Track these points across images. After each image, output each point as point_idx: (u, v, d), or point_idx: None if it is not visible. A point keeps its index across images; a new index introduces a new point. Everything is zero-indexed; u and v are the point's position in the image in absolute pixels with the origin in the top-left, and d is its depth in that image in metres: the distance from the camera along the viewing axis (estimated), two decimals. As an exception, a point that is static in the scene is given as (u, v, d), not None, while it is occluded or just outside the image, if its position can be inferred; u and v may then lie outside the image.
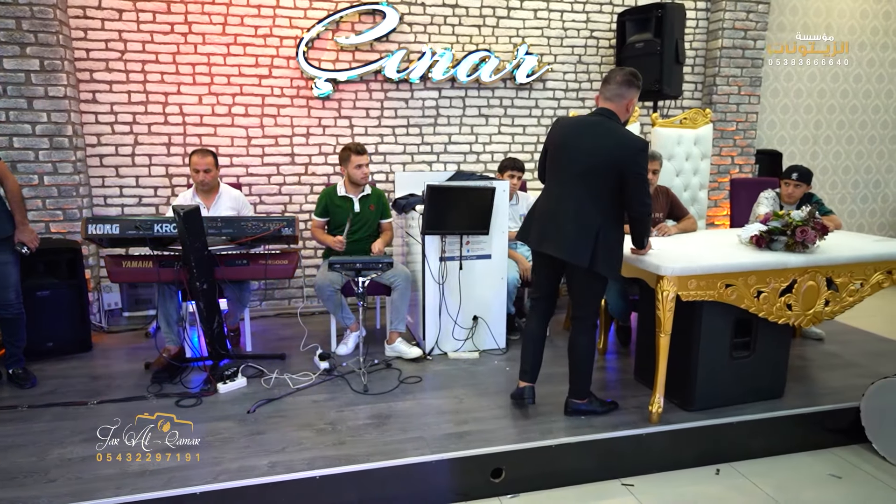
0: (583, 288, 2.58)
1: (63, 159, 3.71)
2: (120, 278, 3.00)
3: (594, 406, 2.69)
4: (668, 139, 3.93)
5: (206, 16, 3.94)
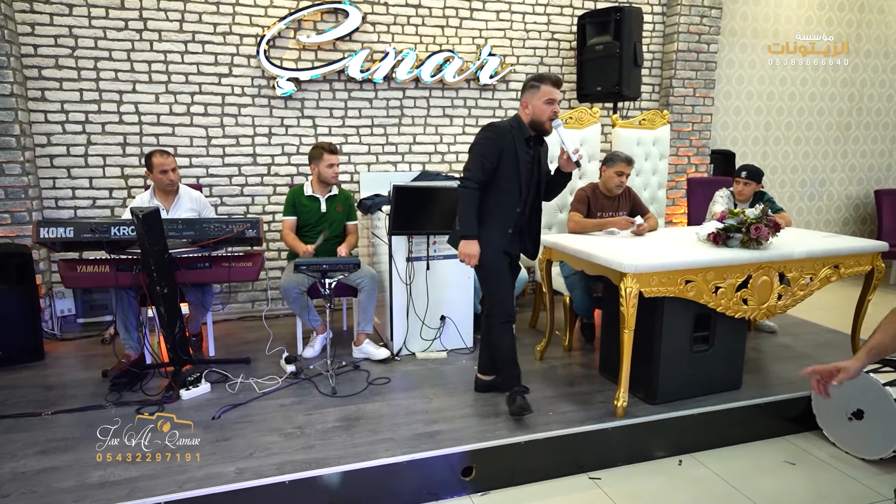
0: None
1: (10, 160, 3.55)
2: (74, 284, 2.89)
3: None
4: (627, 140, 4.02)
5: (161, 12, 3.83)
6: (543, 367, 3.31)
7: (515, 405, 2.62)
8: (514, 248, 2.77)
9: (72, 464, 2.29)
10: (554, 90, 2.56)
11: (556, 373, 3.25)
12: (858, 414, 2.64)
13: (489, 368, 2.91)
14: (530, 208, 2.74)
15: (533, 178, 2.69)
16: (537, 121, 2.58)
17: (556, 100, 2.57)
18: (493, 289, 2.71)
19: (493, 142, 2.59)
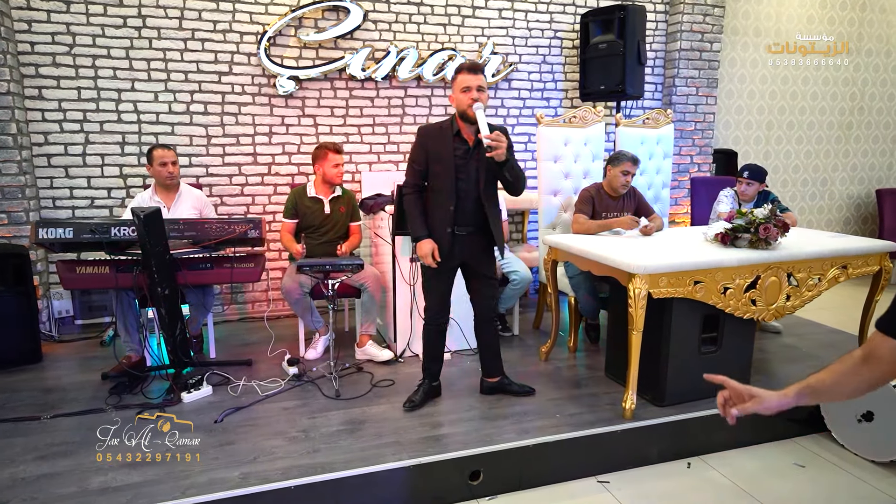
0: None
1: (7, 159, 3.49)
2: (73, 285, 2.84)
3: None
4: (631, 139, 3.99)
5: (160, 9, 3.78)
6: (549, 369, 3.28)
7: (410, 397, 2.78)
8: (463, 249, 2.66)
9: (72, 469, 2.25)
10: (468, 77, 2.45)
11: (561, 374, 3.21)
12: (868, 416, 2.61)
13: (492, 370, 2.90)
14: (474, 205, 2.60)
15: (470, 173, 2.56)
16: (460, 111, 2.51)
17: (472, 86, 2.43)
18: (423, 290, 2.79)
19: (419, 143, 2.59)
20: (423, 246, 2.60)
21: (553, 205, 3.76)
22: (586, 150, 3.82)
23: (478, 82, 2.44)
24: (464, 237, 2.62)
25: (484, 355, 2.89)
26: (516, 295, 3.69)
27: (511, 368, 3.25)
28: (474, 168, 2.56)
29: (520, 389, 2.88)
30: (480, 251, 2.70)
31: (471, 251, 2.67)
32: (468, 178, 2.56)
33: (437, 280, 2.69)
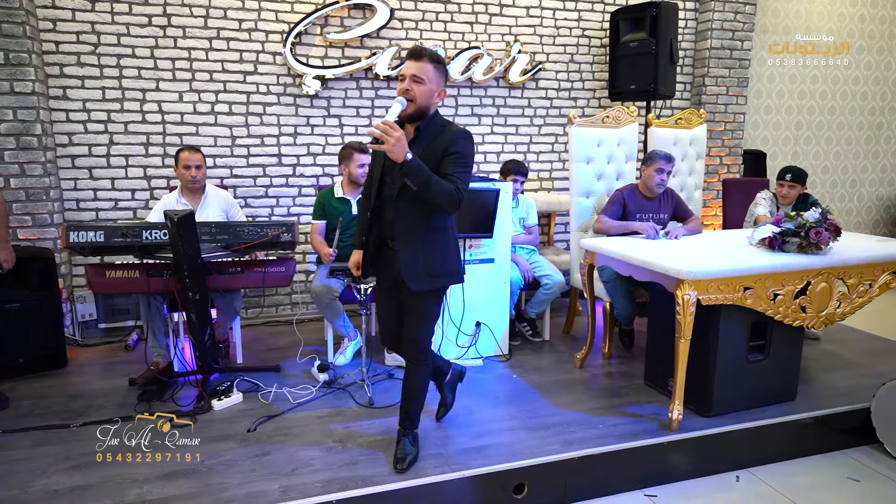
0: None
1: (32, 160, 3.44)
2: (103, 289, 2.78)
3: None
4: (664, 139, 3.89)
5: (186, 7, 3.71)
6: (585, 376, 3.19)
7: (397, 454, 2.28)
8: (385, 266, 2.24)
9: (106, 480, 2.18)
10: (407, 63, 2.04)
11: (598, 382, 3.12)
12: (926, 428, 2.51)
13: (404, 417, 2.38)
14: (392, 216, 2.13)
15: (392, 178, 2.11)
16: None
17: (406, 75, 2.03)
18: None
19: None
20: (352, 255, 2.40)
21: (585, 207, 3.67)
22: (620, 151, 3.73)
23: (413, 70, 2.01)
24: (395, 253, 2.16)
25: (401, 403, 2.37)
26: (548, 300, 3.61)
27: (545, 376, 3.19)
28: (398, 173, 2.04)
29: (395, 454, 2.28)
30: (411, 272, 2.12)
31: (398, 272, 2.15)
32: (392, 182, 2.11)
33: (378, 301, 2.43)
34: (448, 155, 2.05)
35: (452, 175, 2.03)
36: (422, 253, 2.12)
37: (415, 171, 1.93)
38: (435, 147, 2.06)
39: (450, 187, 2.00)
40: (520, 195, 3.75)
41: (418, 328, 2.24)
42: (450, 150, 2.05)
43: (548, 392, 2.98)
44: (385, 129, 1.87)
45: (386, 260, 2.23)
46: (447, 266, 2.19)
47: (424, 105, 2.05)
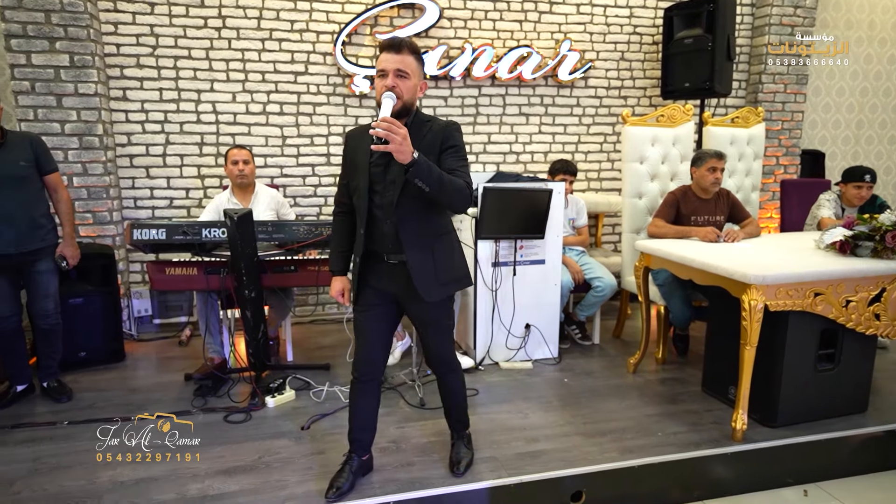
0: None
1: (93, 159, 3.55)
2: (163, 286, 2.84)
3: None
4: (720, 139, 3.77)
5: (240, 10, 3.77)
6: (639, 382, 3.11)
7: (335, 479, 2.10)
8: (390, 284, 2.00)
9: (168, 474, 2.22)
10: (387, 56, 1.83)
11: (653, 388, 3.04)
12: None
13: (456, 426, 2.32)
14: (393, 228, 1.92)
15: (387, 183, 1.90)
16: (377, 103, 1.84)
17: (389, 70, 1.82)
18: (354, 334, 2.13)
19: (344, 153, 2.03)
20: (332, 285, 2.13)
21: (638, 208, 3.58)
22: (675, 151, 3.62)
23: (398, 64, 1.82)
24: (396, 267, 1.97)
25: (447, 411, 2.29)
26: (598, 303, 3.53)
27: (597, 380, 3.13)
28: (394, 175, 1.88)
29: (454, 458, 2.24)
30: (424, 284, 1.95)
31: (403, 286, 1.98)
32: (385, 191, 1.91)
33: (361, 324, 2.05)
34: (447, 150, 1.91)
35: (458, 170, 1.89)
36: (431, 261, 1.95)
37: (426, 170, 1.74)
38: (428, 143, 1.88)
39: (461, 183, 1.86)
40: (570, 195, 3.68)
41: (445, 341, 2.13)
42: (447, 143, 1.91)
43: (601, 397, 2.91)
44: (389, 127, 1.64)
45: (384, 276, 2.00)
46: (456, 271, 2.05)
47: (410, 101, 1.86)
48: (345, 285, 2.14)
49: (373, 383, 2.12)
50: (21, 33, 3.33)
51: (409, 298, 2.00)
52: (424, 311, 2.04)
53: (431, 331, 2.10)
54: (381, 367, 2.11)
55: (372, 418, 2.16)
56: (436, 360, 2.17)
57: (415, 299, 1.98)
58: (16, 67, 3.36)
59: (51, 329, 2.82)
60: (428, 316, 2.06)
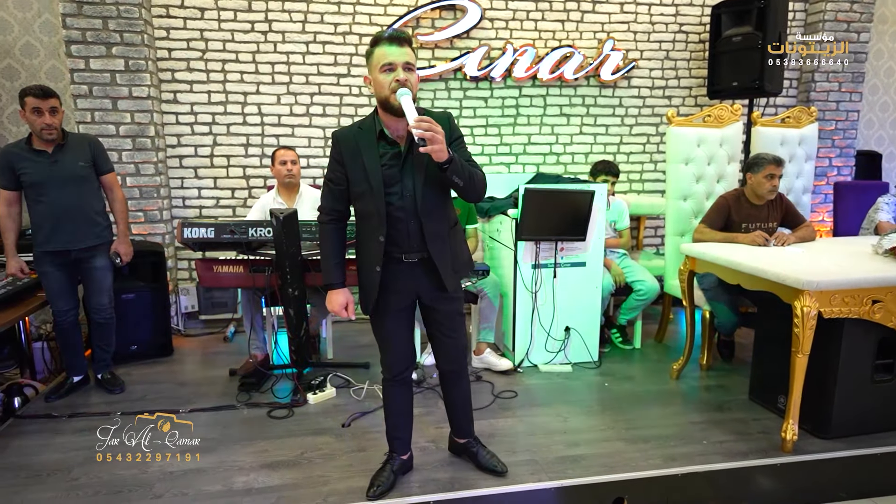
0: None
1: (145, 160, 3.68)
2: (210, 283, 2.92)
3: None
4: (770, 139, 3.65)
5: (286, 13, 3.86)
6: (682, 388, 3.04)
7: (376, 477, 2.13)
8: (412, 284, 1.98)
9: (216, 466, 2.28)
10: (391, 49, 1.76)
11: (698, 395, 2.97)
12: None
13: (461, 431, 2.30)
14: (416, 224, 1.89)
15: (404, 183, 1.87)
16: (382, 99, 1.80)
17: (398, 63, 1.76)
18: (376, 338, 2.12)
19: (334, 157, 1.92)
20: (332, 298, 2.00)
21: (682, 210, 3.49)
22: (721, 152, 3.52)
23: (405, 57, 1.77)
24: (415, 266, 1.96)
25: (451, 415, 2.28)
26: (640, 306, 3.47)
27: (638, 385, 3.07)
28: (411, 175, 1.86)
29: (488, 464, 2.22)
30: (438, 283, 1.97)
31: (425, 284, 1.98)
32: (402, 192, 1.87)
33: (387, 327, 2.04)
34: (454, 141, 1.89)
35: (470, 161, 1.91)
36: (449, 253, 1.97)
37: (459, 166, 1.76)
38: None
39: (481, 174, 1.91)
40: (611, 197, 3.62)
41: (462, 334, 2.13)
42: (454, 135, 1.90)
43: (643, 403, 2.86)
44: (430, 127, 1.65)
45: (403, 277, 1.96)
46: (464, 257, 2.08)
47: (414, 95, 1.80)
48: (348, 298, 2.02)
49: (407, 383, 2.16)
50: (80, 39, 3.48)
51: (429, 294, 2.00)
52: (444, 303, 2.03)
53: (449, 324, 2.07)
54: (410, 363, 2.14)
55: (410, 416, 2.20)
56: (453, 355, 2.12)
57: (435, 293, 1.99)
58: (75, 72, 3.52)
59: (105, 323, 2.94)
60: (449, 307, 2.05)
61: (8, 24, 3.67)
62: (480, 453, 2.26)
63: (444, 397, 2.27)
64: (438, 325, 2.08)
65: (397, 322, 2.04)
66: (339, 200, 1.95)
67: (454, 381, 2.20)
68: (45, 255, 2.74)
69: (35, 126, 2.62)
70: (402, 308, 2.03)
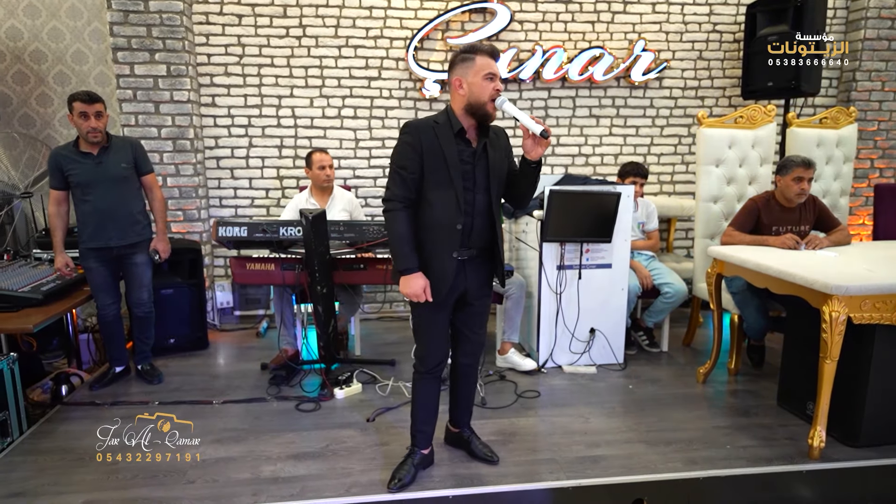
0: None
1: (185, 161, 3.83)
2: (243, 280, 3.04)
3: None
4: (806, 141, 3.57)
5: (319, 18, 3.96)
6: (709, 392, 3.01)
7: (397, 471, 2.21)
8: (463, 278, 2.08)
9: (245, 455, 2.38)
10: (492, 62, 1.96)
11: (724, 399, 2.93)
12: None
13: (459, 421, 2.41)
14: (484, 222, 2.06)
15: (476, 181, 2.01)
16: (476, 103, 1.95)
17: (497, 75, 1.97)
18: (415, 330, 2.17)
19: (410, 145, 1.99)
20: (412, 282, 2.01)
21: (713, 212, 3.45)
22: (754, 154, 3.47)
23: (498, 69, 2.01)
24: (466, 262, 2.08)
25: (456, 405, 2.39)
26: (667, 309, 3.44)
27: (663, 388, 3.05)
28: (483, 175, 2.02)
29: (481, 453, 2.33)
30: (484, 279, 2.15)
31: (474, 279, 2.12)
32: (476, 187, 2.02)
33: (433, 319, 2.11)
34: (510, 152, 2.15)
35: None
36: (501, 250, 2.16)
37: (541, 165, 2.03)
38: (503, 146, 2.12)
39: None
40: (640, 199, 3.60)
41: (486, 329, 2.29)
42: (510, 148, 2.15)
43: (667, 406, 2.84)
44: (548, 128, 1.94)
45: (457, 272, 2.06)
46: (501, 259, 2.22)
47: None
48: (426, 281, 2.04)
49: (438, 378, 2.23)
50: (126, 46, 3.66)
51: (475, 289, 2.14)
52: (482, 300, 2.19)
53: (479, 321, 2.23)
54: (445, 358, 2.22)
55: (436, 411, 2.28)
56: (477, 351, 2.28)
57: (481, 290, 2.16)
58: (121, 77, 3.70)
59: (145, 317, 3.08)
60: (483, 305, 2.21)
61: (61, 32, 3.89)
62: (474, 442, 2.37)
63: (452, 389, 2.37)
64: (469, 321, 2.20)
65: (443, 317, 2.14)
66: (411, 189, 2.01)
67: (469, 375, 2.31)
68: (90, 252, 2.90)
69: (81, 129, 2.77)
70: (449, 303, 2.13)
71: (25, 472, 2.28)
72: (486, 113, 1.97)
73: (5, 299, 2.75)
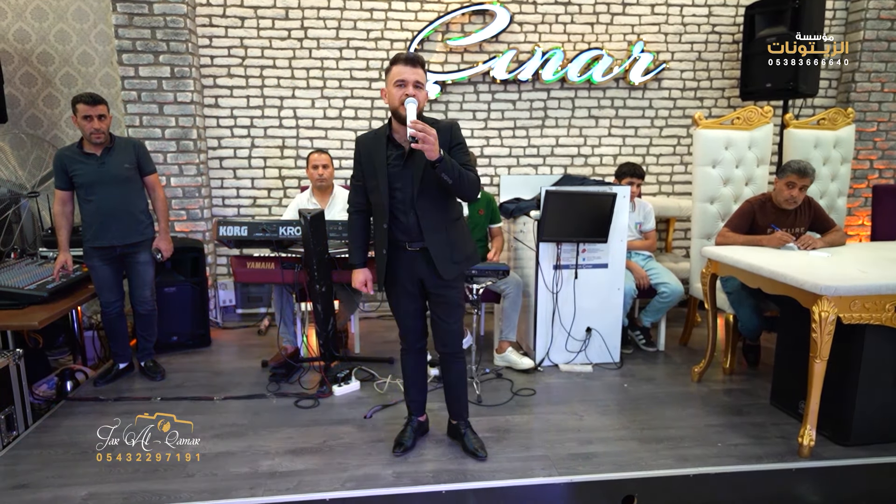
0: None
1: (188, 161, 3.89)
2: (244, 278, 3.09)
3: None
4: (804, 142, 3.59)
5: (321, 21, 4.01)
6: (703, 391, 3.03)
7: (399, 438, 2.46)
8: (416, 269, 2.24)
9: (244, 450, 2.43)
10: (404, 69, 2.06)
11: (718, 398, 2.96)
12: None
13: (454, 413, 2.49)
14: (429, 216, 2.17)
15: (412, 180, 2.14)
16: (392, 108, 2.10)
17: (409, 81, 2.04)
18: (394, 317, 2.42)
19: (356, 158, 2.25)
20: (355, 276, 2.39)
21: (709, 213, 3.48)
22: (750, 155, 3.49)
23: (415, 77, 2.07)
24: (419, 254, 2.23)
25: (446, 394, 2.47)
26: (664, 309, 3.47)
27: (658, 387, 3.08)
28: (410, 175, 2.15)
29: (471, 448, 2.39)
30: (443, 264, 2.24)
31: (426, 270, 2.25)
32: (404, 187, 2.16)
33: (398, 303, 2.34)
34: (455, 147, 2.16)
35: (467, 164, 2.15)
36: (447, 244, 2.22)
37: (449, 165, 2.03)
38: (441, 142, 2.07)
39: (474, 175, 2.15)
40: (637, 199, 3.63)
41: (456, 320, 2.34)
42: (455, 141, 2.17)
43: (661, 404, 2.87)
44: (424, 128, 1.91)
45: (407, 263, 2.24)
46: (467, 251, 2.30)
47: (421, 108, 2.10)
48: (367, 276, 2.40)
49: (421, 352, 2.44)
50: (131, 48, 3.72)
51: (429, 279, 2.26)
52: (441, 288, 2.27)
53: (444, 308, 2.31)
54: (421, 335, 2.41)
55: (424, 381, 2.52)
56: (445, 337, 2.35)
57: (435, 280, 2.25)
58: (126, 79, 3.76)
59: (148, 314, 3.14)
60: (445, 293, 2.29)
61: (67, 35, 3.96)
62: (467, 436, 2.44)
63: (442, 378, 2.50)
64: (437, 309, 2.33)
65: (408, 301, 2.33)
66: (362, 195, 2.29)
67: (449, 364, 2.41)
68: (93, 251, 2.96)
69: (85, 131, 2.83)
70: (409, 290, 2.30)
71: (30, 464, 2.34)
72: (400, 117, 2.07)
73: (12, 296, 2.81)
